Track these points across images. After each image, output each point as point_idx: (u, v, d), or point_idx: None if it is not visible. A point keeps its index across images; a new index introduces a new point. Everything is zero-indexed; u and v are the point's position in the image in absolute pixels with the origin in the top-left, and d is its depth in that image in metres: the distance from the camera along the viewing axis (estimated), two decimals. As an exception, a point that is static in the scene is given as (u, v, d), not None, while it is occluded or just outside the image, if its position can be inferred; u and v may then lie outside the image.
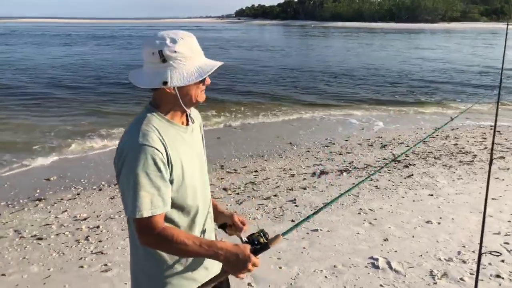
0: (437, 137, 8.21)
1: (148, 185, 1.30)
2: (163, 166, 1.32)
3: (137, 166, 1.29)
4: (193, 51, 1.37)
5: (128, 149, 1.33)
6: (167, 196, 1.35)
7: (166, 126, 1.41)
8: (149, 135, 1.33)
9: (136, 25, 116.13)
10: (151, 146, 1.31)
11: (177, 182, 1.39)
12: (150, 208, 1.30)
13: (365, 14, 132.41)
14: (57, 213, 4.62)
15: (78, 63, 21.20)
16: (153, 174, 1.31)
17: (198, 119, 1.65)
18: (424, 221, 4.25)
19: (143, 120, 1.38)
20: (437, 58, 26.47)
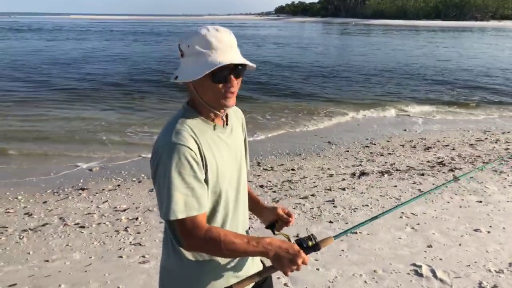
0: (486, 141, 7.77)
1: (182, 186, 1.25)
2: (197, 166, 1.27)
3: (170, 166, 1.24)
4: (207, 46, 1.26)
5: (162, 148, 1.28)
6: (203, 197, 1.30)
7: (201, 125, 1.36)
8: (182, 133, 1.28)
9: (175, 22, 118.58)
10: (184, 145, 1.26)
11: (212, 184, 1.34)
12: (184, 209, 1.25)
13: (409, 11, 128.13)
14: (99, 203, 4.75)
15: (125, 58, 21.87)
16: (186, 174, 1.25)
17: (239, 118, 1.58)
18: (472, 229, 4.01)
19: (177, 118, 1.35)
20: (487, 58, 25.15)
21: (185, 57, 1.32)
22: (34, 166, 6.28)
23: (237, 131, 1.51)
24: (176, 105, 10.92)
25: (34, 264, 3.42)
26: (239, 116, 1.60)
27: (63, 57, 21.85)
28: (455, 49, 31.34)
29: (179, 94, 11.96)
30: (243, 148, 1.56)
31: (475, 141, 7.72)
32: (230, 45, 1.30)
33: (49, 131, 8.17)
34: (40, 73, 16.16)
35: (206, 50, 1.27)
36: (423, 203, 4.66)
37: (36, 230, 4.04)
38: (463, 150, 7.04)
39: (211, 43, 1.27)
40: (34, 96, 11.65)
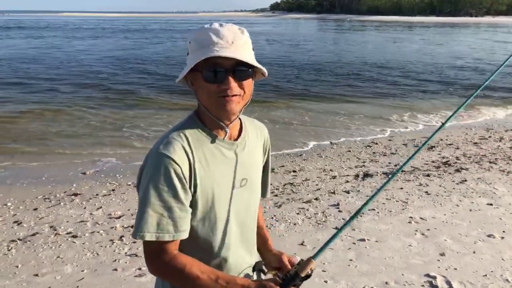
0: (490, 139, 7.60)
1: (157, 203, 1.08)
2: (179, 183, 1.09)
3: (149, 178, 1.09)
4: (205, 42, 1.10)
5: (149, 156, 1.14)
6: (182, 220, 1.11)
7: (203, 137, 1.17)
8: (172, 143, 1.12)
9: (169, 19, 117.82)
10: (169, 157, 1.08)
11: (202, 208, 1.15)
12: (155, 230, 1.08)
13: (404, 7, 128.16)
14: (92, 210, 4.52)
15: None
16: (165, 191, 1.08)
17: (261, 136, 1.35)
18: (485, 234, 3.82)
19: (178, 127, 1.18)
20: (482, 54, 25.06)
21: (188, 55, 1.17)
22: (25, 170, 6.04)
23: (253, 150, 1.29)
24: (173, 108, 10.68)
25: (22, 279, 3.19)
26: (262, 134, 1.37)
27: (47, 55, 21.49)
28: (450, 46, 31.24)
29: (176, 97, 11.70)
30: (258, 171, 1.32)
31: (479, 140, 7.55)
32: (232, 41, 1.10)
33: (41, 132, 7.92)
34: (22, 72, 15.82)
35: (204, 46, 1.10)
36: (431, 207, 4.48)
37: (25, 240, 3.81)
38: (468, 149, 6.86)
39: (210, 39, 1.10)
40: (17, 96, 11.36)
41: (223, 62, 1.08)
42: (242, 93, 1.13)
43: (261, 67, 1.15)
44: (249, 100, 1.18)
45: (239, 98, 1.13)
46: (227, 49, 1.08)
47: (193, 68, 1.10)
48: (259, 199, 1.37)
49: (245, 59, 1.08)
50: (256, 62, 1.12)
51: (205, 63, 1.08)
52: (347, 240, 3.73)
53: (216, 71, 1.08)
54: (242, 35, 1.13)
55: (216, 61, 1.08)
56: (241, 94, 1.13)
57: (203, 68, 1.09)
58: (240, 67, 1.10)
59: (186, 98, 10.80)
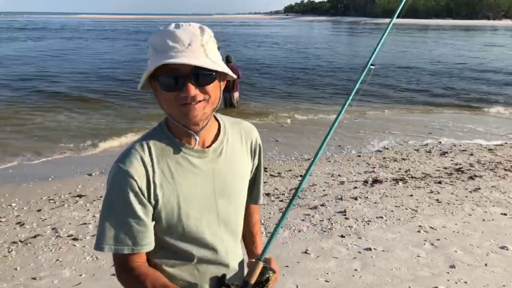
0: (506, 145, 7.37)
1: (113, 218, 1.04)
2: (134, 198, 1.03)
3: (107, 191, 1.06)
4: (160, 47, 0.99)
5: (111, 168, 1.08)
6: (140, 234, 1.05)
7: (169, 147, 1.09)
8: (130, 156, 1.05)
9: (181, 21, 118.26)
10: (124, 171, 1.03)
11: (167, 221, 1.08)
12: (113, 243, 1.04)
13: (420, 10, 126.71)
14: (95, 212, 4.48)
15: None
16: (119, 205, 1.03)
17: (246, 139, 1.24)
18: (498, 246, 3.66)
19: (145, 136, 1.12)
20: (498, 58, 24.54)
21: (148, 61, 1.04)
22: (32, 169, 6.06)
23: (233, 156, 1.17)
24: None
25: (20, 282, 3.16)
26: (249, 135, 1.25)
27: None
28: (470, 49, 30.70)
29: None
30: (241, 178, 1.21)
31: (494, 146, 7.32)
32: (188, 43, 0.99)
33: (49, 134, 7.97)
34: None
35: (159, 51, 1.00)
36: (442, 215, 4.32)
37: (26, 242, 3.78)
38: (482, 156, 6.65)
39: (164, 43, 0.99)
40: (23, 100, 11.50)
41: (181, 68, 0.98)
42: (207, 98, 1.03)
43: (223, 70, 1.03)
44: (219, 102, 1.08)
45: (203, 104, 1.03)
46: (182, 54, 0.97)
47: (153, 75, 1.01)
48: (244, 207, 1.27)
49: (200, 64, 0.97)
50: (216, 65, 1.01)
51: (162, 70, 0.98)
52: (353, 249, 3.61)
53: (173, 77, 0.98)
54: (201, 36, 1.01)
55: (173, 67, 0.98)
56: (206, 99, 1.03)
57: (160, 75, 0.99)
58: (200, 71, 0.99)
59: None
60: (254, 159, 1.29)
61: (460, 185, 5.25)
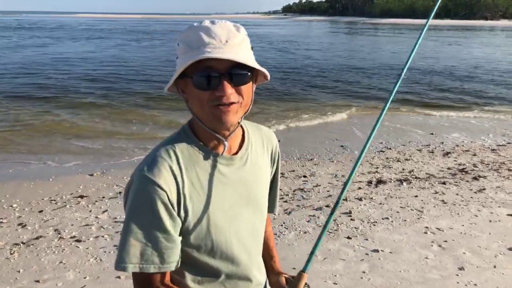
0: (509, 146, 7.35)
1: (140, 233, 0.95)
2: (165, 212, 0.95)
3: (131, 203, 0.96)
4: (195, 43, 0.93)
5: (134, 175, 0.99)
6: (168, 251, 0.97)
7: (197, 154, 1.01)
8: (158, 164, 0.96)
9: (179, 20, 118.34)
10: (154, 182, 0.94)
11: (197, 235, 1.01)
12: (138, 261, 0.95)
13: (418, 10, 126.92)
14: (98, 213, 4.43)
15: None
16: (148, 220, 0.95)
17: (268, 145, 1.19)
18: (506, 247, 3.63)
19: (169, 142, 1.03)
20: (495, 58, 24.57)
21: (177, 59, 0.99)
22: (34, 169, 6.00)
23: (256, 163, 1.12)
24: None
25: (23, 285, 3.10)
26: (270, 142, 1.21)
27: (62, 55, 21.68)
28: (467, 50, 30.73)
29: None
30: (264, 186, 1.17)
31: (497, 146, 7.30)
32: (225, 40, 0.93)
33: (48, 133, 7.90)
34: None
35: (193, 47, 0.93)
36: (448, 217, 4.29)
37: (28, 244, 3.73)
38: (486, 156, 6.63)
39: (200, 39, 0.93)
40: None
41: (217, 65, 0.92)
42: (240, 100, 0.96)
43: (262, 69, 0.98)
44: (250, 107, 1.02)
45: (237, 106, 0.96)
46: (219, 50, 0.91)
47: (183, 73, 0.94)
48: (266, 217, 1.22)
49: (242, 60, 0.91)
50: (256, 64, 0.96)
51: (196, 67, 0.92)
52: (360, 250, 3.57)
53: (209, 76, 0.92)
54: (238, 32, 0.96)
55: (208, 65, 0.92)
56: (240, 102, 0.96)
57: (193, 73, 0.93)
58: (236, 70, 0.93)
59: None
60: (273, 166, 1.24)
61: (465, 185, 5.22)
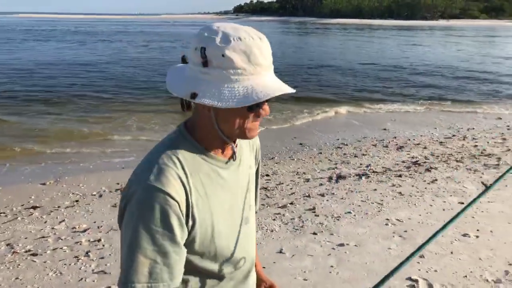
0: (455, 138, 7.82)
1: (150, 248, 0.88)
2: (177, 223, 0.89)
3: (139, 217, 0.88)
4: (251, 61, 0.88)
5: (135, 186, 0.91)
6: (177, 266, 0.92)
7: (198, 159, 0.97)
8: (165, 173, 0.90)
9: (128, 20, 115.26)
10: (163, 191, 0.88)
11: (201, 243, 0.96)
12: (147, 280, 0.88)
13: (364, 10, 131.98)
14: (54, 224, 4.20)
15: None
16: (159, 233, 0.88)
17: (253, 145, 1.19)
18: (461, 234, 3.85)
19: (168, 146, 0.96)
20: (433, 55, 26.09)
21: (212, 69, 0.89)
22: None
23: (247, 164, 1.12)
24: (135, 110, 10.34)
25: (-25, 305, 2.88)
26: (254, 143, 1.20)
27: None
28: (408, 48, 32.34)
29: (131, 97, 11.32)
30: (253, 186, 1.16)
31: (444, 139, 7.74)
32: (271, 62, 0.93)
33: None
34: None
35: (247, 66, 0.88)
36: (406, 208, 4.49)
37: (-22, 261, 3.46)
38: (435, 149, 7.01)
39: (255, 57, 0.88)
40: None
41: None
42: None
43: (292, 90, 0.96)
44: None
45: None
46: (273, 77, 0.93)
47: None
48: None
49: (289, 90, 0.92)
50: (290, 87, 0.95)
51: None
52: (326, 245, 3.65)
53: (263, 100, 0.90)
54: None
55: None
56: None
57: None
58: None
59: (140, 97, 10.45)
60: (256, 165, 1.24)
61: (419, 177, 5.49)
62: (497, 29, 79.02)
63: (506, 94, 13.45)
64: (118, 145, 7.39)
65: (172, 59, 20.81)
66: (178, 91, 0.93)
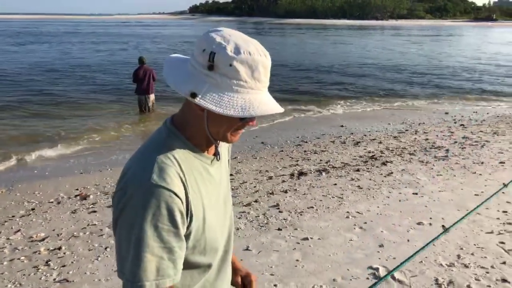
0: (407, 132, 8.22)
1: (157, 246, 0.91)
2: (180, 219, 0.93)
3: (144, 216, 0.89)
4: (254, 76, 0.93)
5: (135, 187, 0.91)
6: (180, 260, 0.96)
7: (191, 156, 1.01)
8: (166, 171, 0.92)
9: (79, 21, 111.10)
10: (168, 189, 0.90)
11: (194, 237, 1.00)
12: (155, 277, 0.91)
13: (318, 11, 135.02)
14: (9, 234, 4.01)
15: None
16: (165, 230, 0.91)
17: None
18: (415, 222, 4.08)
19: (161, 145, 0.98)
20: (380, 54, 27.22)
21: (217, 75, 0.92)
22: None
23: (225, 160, 1.18)
24: (87, 111, 10.02)
25: None
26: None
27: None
28: (361, 47, 33.48)
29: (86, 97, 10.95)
30: (229, 181, 1.23)
31: (397, 134, 8.12)
32: (268, 80, 0.97)
33: None
34: None
35: (250, 80, 0.92)
36: (365, 200, 4.68)
37: None
38: (390, 143, 7.34)
39: (258, 74, 0.93)
40: None
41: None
42: None
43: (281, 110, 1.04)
44: None
45: None
46: (268, 94, 0.98)
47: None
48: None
49: (280, 110, 0.98)
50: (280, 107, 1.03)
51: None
52: (291, 240, 3.74)
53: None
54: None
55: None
56: None
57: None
58: None
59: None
60: (228, 158, 1.29)
61: (376, 171, 5.74)
62: (442, 28, 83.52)
63: (452, 90, 14.29)
64: (73, 150, 7.14)
65: (126, 59, 20.32)
66: (179, 87, 0.94)
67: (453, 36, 55.02)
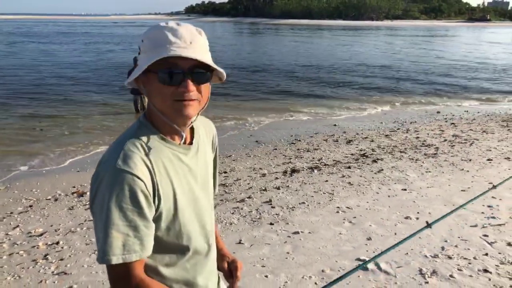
0: (399, 131, 8.37)
1: (122, 224, 1.00)
2: (144, 200, 1.02)
3: (110, 198, 0.99)
4: (161, 41, 1.03)
5: (104, 173, 1.02)
6: (147, 238, 1.04)
7: (159, 144, 1.10)
8: (131, 157, 1.03)
9: (73, 21, 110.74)
10: (131, 173, 1.00)
11: (166, 218, 1.10)
12: (121, 252, 1.01)
13: (314, 11, 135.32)
14: (8, 230, 4.11)
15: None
16: (129, 210, 1.00)
17: (209, 132, 1.33)
18: (403, 217, 4.21)
19: (129, 135, 1.09)
20: (382, 54, 27.41)
21: (140, 54, 1.09)
22: None
23: (204, 150, 1.26)
24: (85, 112, 10.10)
25: None
26: (211, 130, 1.35)
27: None
28: (354, 48, 33.67)
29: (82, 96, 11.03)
30: (210, 170, 1.31)
31: (389, 132, 8.27)
32: (190, 41, 1.04)
33: None
34: None
35: (159, 45, 1.03)
36: (355, 196, 4.81)
37: None
38: (381, 141, 7.48)
39: (166, 37, 1.02)
40: None
41: (181, 63, 1.02)
42: (200, 98, 1.09)
43: (221, 70, 1.11)
44: (206, 105, 1.15)
45: (196, 103, 1.08)
46: (185, 49, 1.02)
47: (147, 69, 1.04)
48: (213, 196, 1.37)
49: (205, 60, 1.03)
50: (215, 65, 1.09)
51: (160, 64, 1.02)
52: (282, 234, 3.86)
53: (173, 72, 1.02)
54: (200, 36, 1.08)
55: (173, 62, 1.02)
56: (199, 99, 1.09)
57: (158, 69, 1.03)
58: (199, 69, 1.05)
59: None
60: (214, 151, 1.38)
61: (366, 168, 5.88)
62: (436, 28, 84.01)
63: (445, 90, 14.48)
64: (70, 149, 7.22)
65: (123, 60, 20.38)
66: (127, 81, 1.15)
67: (448, 37, 55.43)
